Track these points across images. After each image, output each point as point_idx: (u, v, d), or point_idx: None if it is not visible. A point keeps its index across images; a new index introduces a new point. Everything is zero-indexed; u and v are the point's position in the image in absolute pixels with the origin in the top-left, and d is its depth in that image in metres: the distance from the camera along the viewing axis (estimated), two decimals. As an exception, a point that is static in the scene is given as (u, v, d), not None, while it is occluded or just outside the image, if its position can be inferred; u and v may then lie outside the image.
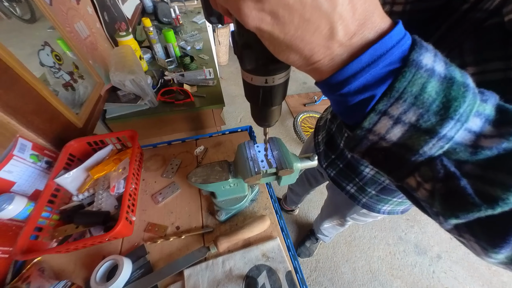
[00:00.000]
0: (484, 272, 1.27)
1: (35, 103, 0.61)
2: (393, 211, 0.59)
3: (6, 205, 0.48)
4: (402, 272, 1.28)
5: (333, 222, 0.90)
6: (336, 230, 1.02)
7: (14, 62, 0.54)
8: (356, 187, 0.58)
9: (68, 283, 0.46)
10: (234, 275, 0.49)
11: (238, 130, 0.82)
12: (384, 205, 0.57)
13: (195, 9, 1.98)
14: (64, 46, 0.76)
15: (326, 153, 0.61)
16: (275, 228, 0.57)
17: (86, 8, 0.92)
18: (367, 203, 0.59)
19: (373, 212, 0.61)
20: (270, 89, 0.24)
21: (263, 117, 0.30)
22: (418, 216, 1.51)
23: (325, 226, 0.99)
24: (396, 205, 0.57)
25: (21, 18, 0.64)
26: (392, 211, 0.59)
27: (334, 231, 1.04)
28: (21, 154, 0.54)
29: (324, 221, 0.96)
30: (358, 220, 0.73)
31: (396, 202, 0.55)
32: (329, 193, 0.85)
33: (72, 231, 0.54)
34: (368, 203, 0.59)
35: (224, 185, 0.51)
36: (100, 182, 0.62)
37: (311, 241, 1.31)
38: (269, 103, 0.26)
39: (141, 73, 0.89)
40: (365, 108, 0.17)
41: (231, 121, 2.15)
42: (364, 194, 0.58)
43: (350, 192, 0.61)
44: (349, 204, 0.68)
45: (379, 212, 0.59)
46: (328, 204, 0.89)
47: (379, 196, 0.55)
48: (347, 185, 0.60)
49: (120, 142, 0.70)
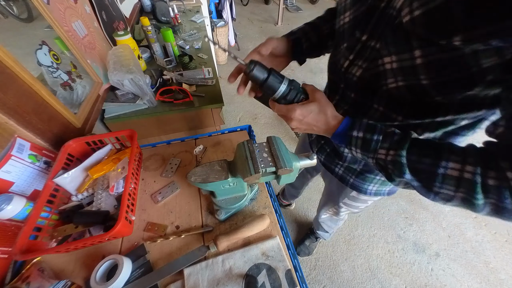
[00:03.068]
0: (482, 270, 1.28)
1: (33, 103, 0.60)
2: (379, 191, 0.63)
3: (5, 205, 0.48)
4: (401, 270, 1.29)
5: (329, 211, 0.93)
6: (333, 223, 1.05)
7: (12, 62, 0.53)
8: (343, 168, 0.63)
9: (68, 283, 0.46)
10: (234, 274, 0.49)
11: (237, 130, 0.82)
12: (370, 184, 0.61)
13: (193, 8, 1.97)
14: (61, 46, 0.75)
15: (318, 140, 0.67)
16: (274, 227, 0.57)
17: (84, 7, 0.92)
18: (354, 183, 0.63)
19: (361, 194, 0.66)
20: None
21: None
22: (417, 214, 1.52)
23: (323, 217, 1.02)
24: (380, 184, 0.61)
25: (18, 17, 0.64)
26: (378, 191, 0.63)
27: (332, 224, 1.07)
28: (20, 154, 0.54)
29: (321, 211, 0.98)
30: (350, 205, 0.76)
31: (380, 181, 0.60)
32: (325, 183, 0.88)
33: (72, 231, 0.54)
34: (355, 183, 0.63)
35: (223, 184, 0.51)
36: (99, 182, 0.62)
37: (310, 239, 1.32)
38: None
39: (139, 72, 0.89)
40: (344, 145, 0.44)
41: (230, 120, 2.14)
42: (350, 174, 0.62)
43: (339, 174, 0.66)
44: (340, 188, 0.73)
45: (367, 192, 0.64)
46: (324, 194, 0.93)
47: (364, 175, 0.60)
48: (335, 167, 0.65)
49: (119, 141, 0.70)
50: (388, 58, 0.37)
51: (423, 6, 0.29)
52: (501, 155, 0.29)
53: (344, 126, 0.41)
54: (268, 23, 3.84)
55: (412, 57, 0.32)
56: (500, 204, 0.28)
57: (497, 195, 0.28)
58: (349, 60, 0.45)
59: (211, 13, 2.39)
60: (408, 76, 0.34)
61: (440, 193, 0.33)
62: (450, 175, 0.31)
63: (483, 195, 0.29)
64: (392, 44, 0.36)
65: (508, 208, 0.28)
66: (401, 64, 0.35)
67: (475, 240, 1.40)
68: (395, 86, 0.38)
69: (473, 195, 0.29)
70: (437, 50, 0.30)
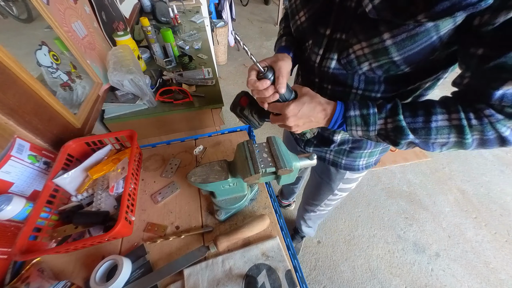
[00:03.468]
0: (482, 270, 1.28)
1: (32, 104, 0.60)
2: (368, 164, 0.67)
3: (5, 206, 0.48)
4: (401, 270, 1.28)
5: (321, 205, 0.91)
6: (317, 219, 1.08)
7: (11, 62, 0.53)
8: (333, 152, 0.66)
9: (68, 283, 0.46)
10: (234, 274, 0.49)
11: (237, 130, 0.82)
12: (360, 159, 0.65)
13: (193, 8, 1.97)
14: (61, 46, 0.75)
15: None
16: (274, 227, 0.57)
17: (84, 8, 0.92)
18: (346, 163, 0.66)
19: (354, 172, 0.69)
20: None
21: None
22: (417, 214, 1.52)
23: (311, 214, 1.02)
24: (368, 156, 0.64)
25: (18, 18, 0.64)
26: (368, 164, 0.67)
27: (317, 220, 1.09)
28: (19, 155, 0.54)
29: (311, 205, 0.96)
30: (344, 189, 0.78)
31: (367, 153, 0.63)
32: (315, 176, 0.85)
33: (71, 231, 0.54)
34: (347, 163, 0.66)
35: (223, 184, 0.51)
36: (99, 182, 0.62)
37: (296, 240, 1.34)
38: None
39: (139, 72, 0.89)
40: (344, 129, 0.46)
41: (230, 120, 2.14)
42: (341, 155, 0.65)
43: (330, 160, 0.68)
44: (334, 175, 0.74)
45: (359, 169, 0.67)
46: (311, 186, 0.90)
47: (353, 152, 0.63)
48: (325, 154, 0.68)
49: (119, 142, 0.70)
50: (358, 45, 0.40)
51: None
52: (474, 99, 0.36)
53: (340, 110, 0.44)
54: (268, 23, 3.84)
55: (382, 40, 0.36)
56: (485, 137, 0.36)
57: (481, 130, 0.35)
58: (319, 55, 0.47)
59: (210, 13, 2.39)
60: (381, 57, 0.38)
61: (436, 142, 0.39)
62: (441, 125, 0.38)
63: (470, 134, 0.36)
64: (360, 32, 0.39)
65: (491, 138, 0.35)
66: (372, 48, 0.38)
67: (475, 240, 1.40)
68: (369, 68, 0.41)
69: (463, 136, 0.36)
70: (404, 29, 0.34)
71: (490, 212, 1.53)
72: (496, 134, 0.35)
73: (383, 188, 1.67)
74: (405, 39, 0.35)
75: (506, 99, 0.32)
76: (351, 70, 0.44)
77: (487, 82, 0.33)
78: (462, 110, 0.36)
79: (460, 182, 1.71)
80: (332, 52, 0.45)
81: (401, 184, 1.69)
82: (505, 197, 1.61)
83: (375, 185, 1.68)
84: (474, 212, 1.53)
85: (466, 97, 0.37)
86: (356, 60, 0.41)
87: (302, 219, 1.12)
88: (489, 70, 0.32)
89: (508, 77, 0.30)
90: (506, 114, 0.33)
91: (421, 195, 1.63)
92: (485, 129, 0.35)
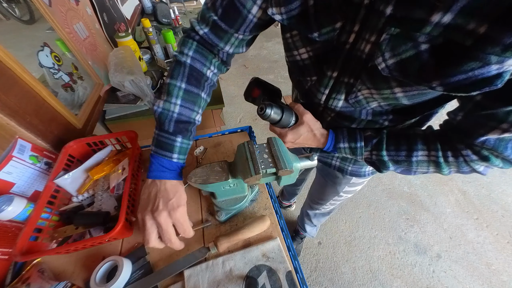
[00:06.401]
0: (484, 272, 1.28)
1: (34, 104, 0.60)
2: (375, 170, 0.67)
3: (6, 207, 0.48)
4: (402, 271, 1.28)
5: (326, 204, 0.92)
6: (323, 217, 1.08)
7: (13, 63, 0.54)
8: (339, 159, 0.67)
9: (68, 284, 0.46)
10: (234, 276, 0.49)
11: (238, 131, 0.82)
12: (366, 166, 0.66)
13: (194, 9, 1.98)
14: (63, 47, 0.76)
15: None
16: (275, 228, 0.57)
17: (85, 9, 0.92)
18: (353, 170, 0.67)
19: (360, 177, 0.70)
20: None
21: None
22: (418, 216, 1.51)
23: (315, 212, 1.02)
24: None
25: (20, 19, 0.64)
26: (374, 170, 0.67)
27: (322, 218, 1.09)
28: (21, 155, 0.54)
29: (316, 203, 0.97)
30: (349, 192, 0.80)
31: None
32: (320, 178, 0.87)
33: (72, 232, 0.54)
34: (353, 170, 0.67)
35: (224, 185, 0.51)
36: (100, 183, 0.62)
37: (296, 241, 1.34)
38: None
39: (140, 73, 0.89)
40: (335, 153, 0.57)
41: (230, 121, 2.15)
42: (347, 163, 0.66)
43: (336, 166, 0.69)
44: (340, 179, 0.75)
45: (365, 175, 0.69)
46: (317, 185, 0.92)
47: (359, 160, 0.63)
48: (331, 160, 0.68)
49: (120, 143, 0.70)
50: (367, 91, 0.41)
51: (395, 56, 0.32)
52: (455, 138, 0.40)
53: (331, 141, 0.51)
54: (268, 24, 3.85)
55: (393, 92, 0.38)
56: (460, 170, 0.42)
57: (457, 165, 0.41)
58: (325, 95, 0.48)
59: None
60: (390, 101, 0.41)
61: (417, 172, 0.46)
62: (421, 160, 0.44)
63: (447, 167, 0.42)
64: (370, 82, 0.40)
65: (466, 171, 0.41)
66: (382, 95, 0.40)
67: (476, 241, 1.40)
68: (377, 105, 0.44)
69: (440, 169, 0.43)
70: (417, 88, 0.36)
71: (492, 213, 1.52)
72: (470, 169, 0.40)
73: (384, 189, 1.66)
74: (416, 95, 0.37)
75: (488, 143, 0.36)
76: (359, 107, 0.46)
77: (476, 127, 0.36)
78: (440, 149, 0.41)
79: (461, 183, 1.70)
80: (339, 93, 0.45)
81: (402, 185, 1.69)
82: (506, 198, 1.60)
83: (376, 186, 1.68)
84: (476, 213, 1.53)
85: (453, 132, 0.41)
86: (365, 100, 0.43)
87: (307, 217, 1.11)
88: (480, 116, 0.35)
89: (495, 126, 0.34)
90: (480, 156, 0.38)
91: (422, 196, 1.62)
92: (460, 165, 0.41)
